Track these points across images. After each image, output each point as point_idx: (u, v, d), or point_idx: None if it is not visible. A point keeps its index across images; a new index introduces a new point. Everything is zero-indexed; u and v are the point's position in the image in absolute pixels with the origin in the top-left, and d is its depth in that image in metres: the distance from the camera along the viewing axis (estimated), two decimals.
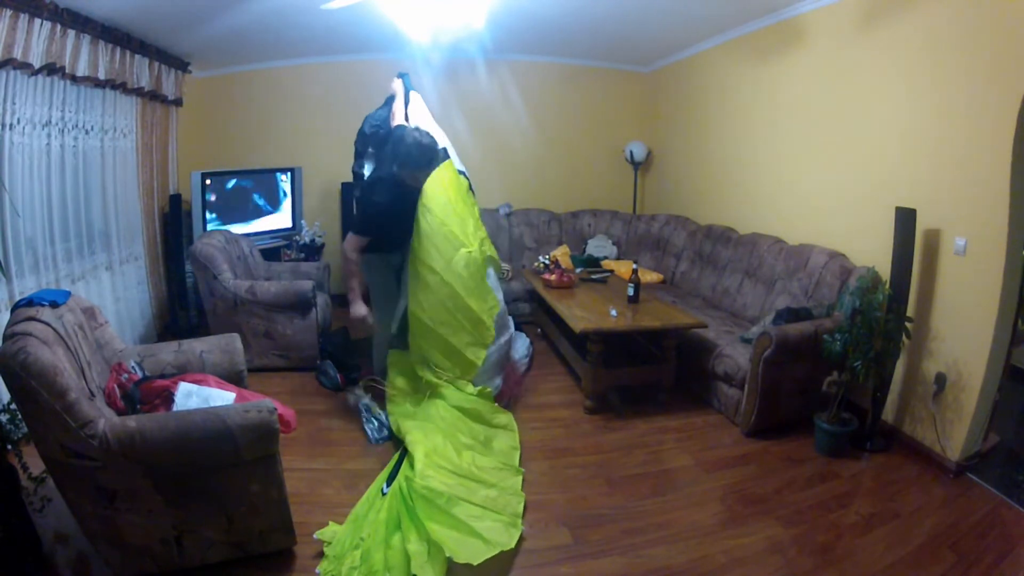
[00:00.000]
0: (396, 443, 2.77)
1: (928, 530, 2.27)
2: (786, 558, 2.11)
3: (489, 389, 3.04)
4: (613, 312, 3.28)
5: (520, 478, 2.54)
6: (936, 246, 2.77)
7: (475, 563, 1.94)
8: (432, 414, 2.83)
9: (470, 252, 3.04)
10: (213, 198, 4.50)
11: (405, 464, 2.49)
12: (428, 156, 2.98)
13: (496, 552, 2.02)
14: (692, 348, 3.40)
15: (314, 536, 2.11)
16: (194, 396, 2.10)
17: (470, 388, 2.98)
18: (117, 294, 3.78)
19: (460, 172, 3.31)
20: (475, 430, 2.79)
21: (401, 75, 3.48)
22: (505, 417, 2.96)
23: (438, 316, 2.97)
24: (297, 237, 5.04)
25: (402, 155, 2.93)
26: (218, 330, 3.44)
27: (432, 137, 3.02)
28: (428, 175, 3.05)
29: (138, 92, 3.83)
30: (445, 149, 3.25)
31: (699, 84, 4.86)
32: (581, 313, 3.31)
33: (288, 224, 5.05)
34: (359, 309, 3.05)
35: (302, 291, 3.63)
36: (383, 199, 2.97)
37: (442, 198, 3.07)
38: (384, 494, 2.33)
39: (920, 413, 2.84)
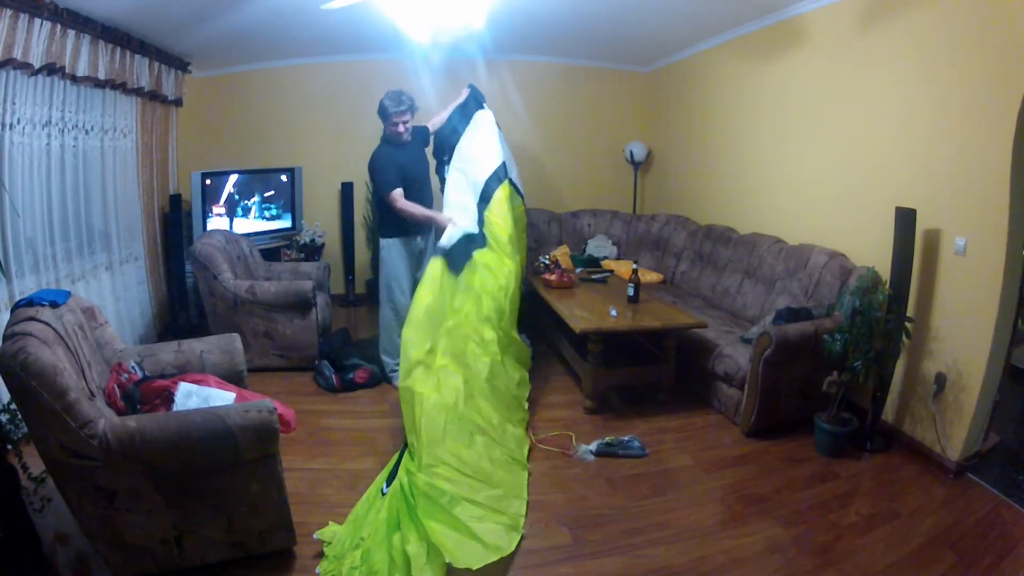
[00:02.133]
0: (397, 443, 2.77)
1: (928, 530, 2.27)
2: (786, 558, 2.11)
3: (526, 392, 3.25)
4: (613, 312, 3.28)
5: (526, 475, 2.54)
6: (936, 246, 2.77)
7: (474, 568, 1.94)
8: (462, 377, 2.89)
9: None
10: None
11: (407, 458, 2.48)
12: (390, 103, 3.28)
13: (495, 558, 2.01)
14: (692, 348, 3.40)
15: (314, 536, 2.11)
16: (194, 396, 2.10)
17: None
18: (117, 294, 3.78)
19: (512, 184, 3.64)
20: (490, 416, 2.79)
21: (470, 85, 3.80)
22: (524, 418, 3.01)
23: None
24: (297, 237, 5.04)
25: (380, 112, 3.33)
26: (218, 330, 3.44)
27: (397, 91, 3.33)
28: (403, 121, 3.31)
29: (138, 92, 3.84)
30: (504, 167, 3.58)
31: (699, 84, 4.86)
32: (581, 313, 3.31)
33: (288, 224, 5.06)
34: (444, 218, 3.34)
35: (302, 291, 3.63)
36: (383, 155, 3.34)
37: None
38: (384, 494, 2.33)
39: (920, 413, 2.84)
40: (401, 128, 3.30)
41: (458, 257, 3.26)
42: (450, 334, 3.02)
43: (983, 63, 2.51)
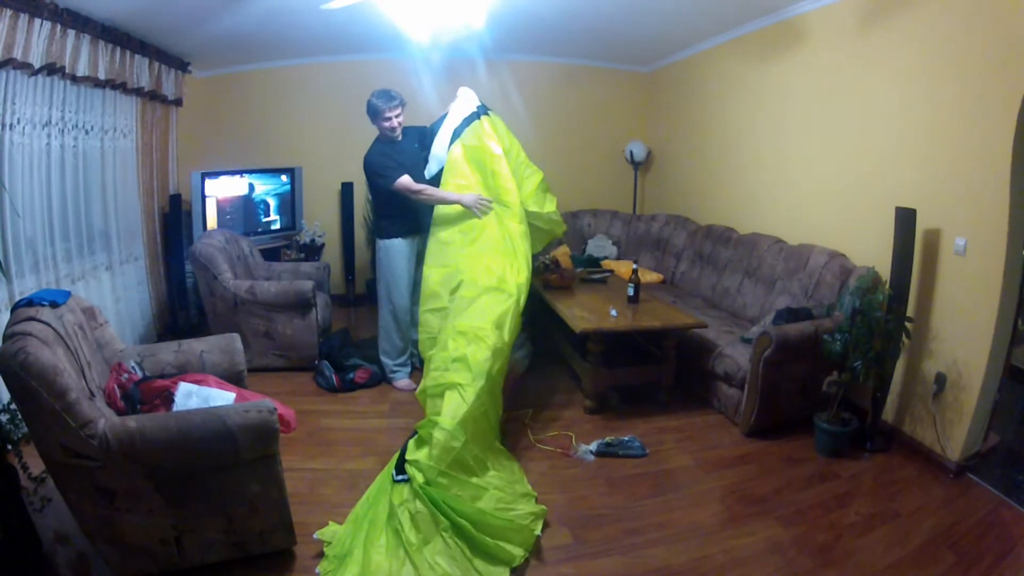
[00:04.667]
0: (397, 443, 2.76)
1: (928, 530, 2.27)
2: (786, 558, 2.12)
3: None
4: (613, 312, 3.28)
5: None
6: (936, 246, 2.77)
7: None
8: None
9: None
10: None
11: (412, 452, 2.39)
12: (380, 101, 3.26)
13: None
14: (692, 348, 3.40)
15: (314, 536, 2.11)
16: (194, 396, 2.10)
17: None
18: (117, 294, 3.78)
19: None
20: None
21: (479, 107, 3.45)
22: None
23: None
24: (297, 237, 5.04)
25: (370, 111, 3.32)
26: (218, 330, 3.44)
27: (384, 89, 3.32)
28: (395, 115, 3.30)
29: (138, 92, 3.84)
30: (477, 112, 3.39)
31: (699, 84, 4.86)
32: (581, 313, 3.31)
33: (288, 224, 5.06)
34: (467, 197, 3.24)
35: (302, 291, 3.63)
36: (375, 151, 3.35)
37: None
38: (396, 481, 2.32)
39: (920, 413, 2.84)
40: (395, 122, 3.29)
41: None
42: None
43: (983, 63, 2.51)
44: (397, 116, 3.30)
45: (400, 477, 2.34)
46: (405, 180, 3.25)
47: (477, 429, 2.48)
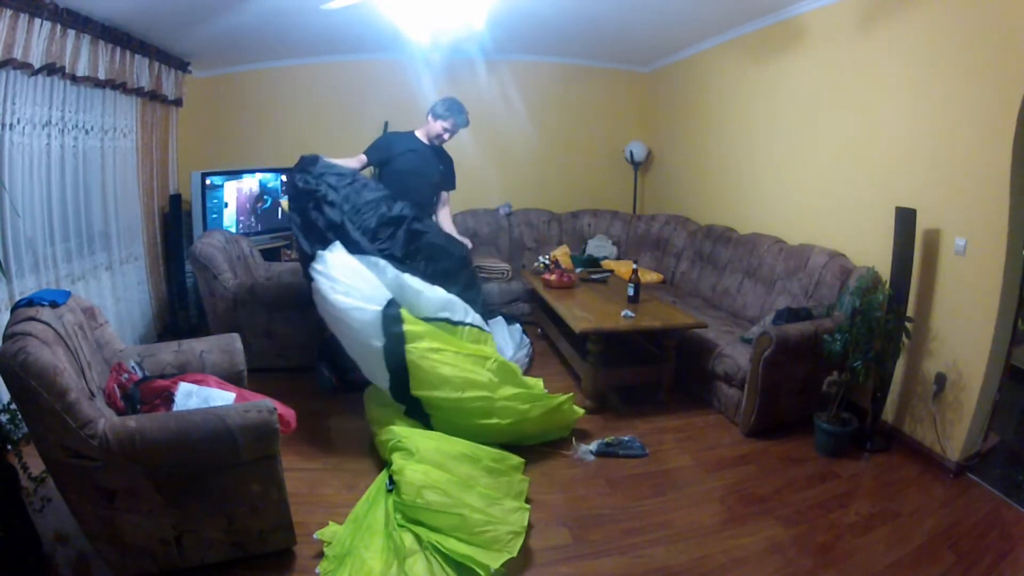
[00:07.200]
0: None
1: (928, 530, 2.27)
2: (786, 558, 2.12)
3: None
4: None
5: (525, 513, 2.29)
6: (936, 246, 2.77)
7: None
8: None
9: None
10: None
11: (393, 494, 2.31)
12: (461, 119, 3.40)
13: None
14: (692, 348, 3.40)
15: (314, 536, 2.11)
16: (194, 396, 2.10)
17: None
18: (117, 294, 3.78)
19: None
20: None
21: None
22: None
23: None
24: None
25: (439, 113, 3.40)
26: (218, 330, 3.43)
27: (461, 105, 3.41)
28: (451, 135, 3.40)
29: (138, 92, 3.83)
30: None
31: (699, 84, 4.86)
32: (581, 313, 3.31)
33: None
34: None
35: (302, 291, 3.63)
36: (387, 133, 3.52)
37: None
38: (389, 491, 2.33)
39: (920, 413, 2.84)
40: (444, 136, 3.42)
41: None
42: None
43: (983, 62, 2.51)
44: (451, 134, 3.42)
45: (392, 487, 2.34)
46: (349, 160, 3.29)
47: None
